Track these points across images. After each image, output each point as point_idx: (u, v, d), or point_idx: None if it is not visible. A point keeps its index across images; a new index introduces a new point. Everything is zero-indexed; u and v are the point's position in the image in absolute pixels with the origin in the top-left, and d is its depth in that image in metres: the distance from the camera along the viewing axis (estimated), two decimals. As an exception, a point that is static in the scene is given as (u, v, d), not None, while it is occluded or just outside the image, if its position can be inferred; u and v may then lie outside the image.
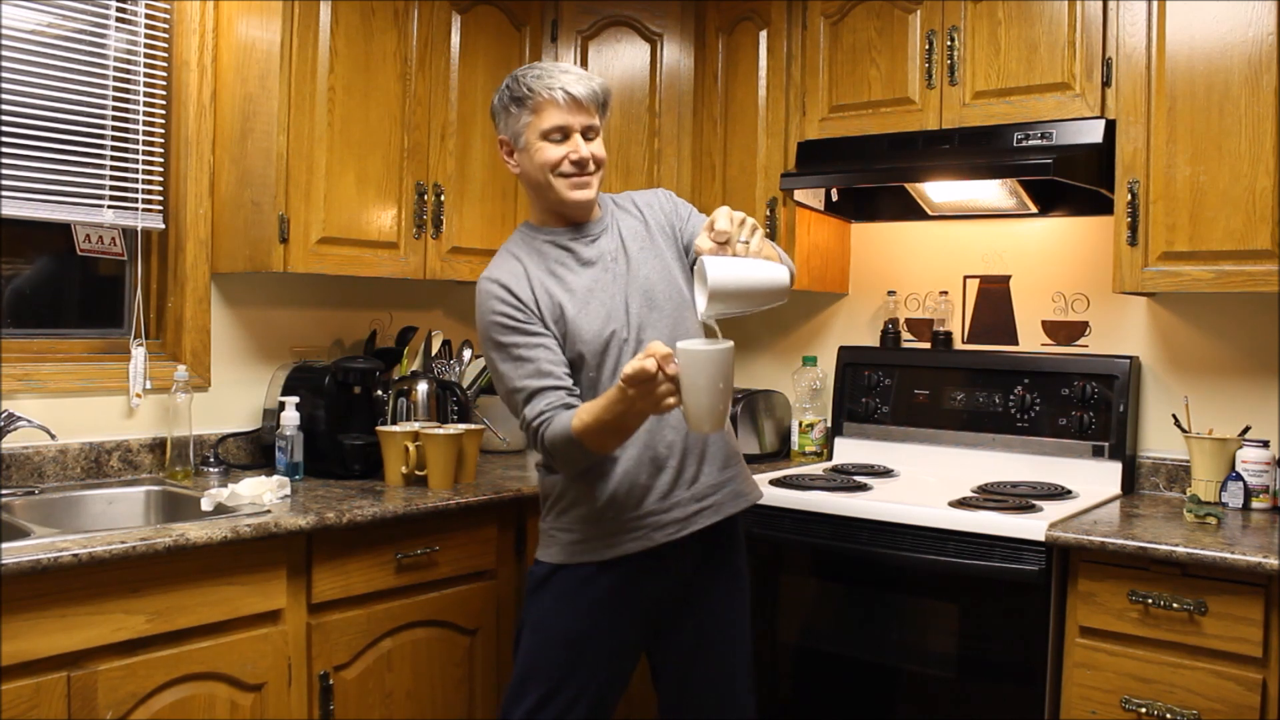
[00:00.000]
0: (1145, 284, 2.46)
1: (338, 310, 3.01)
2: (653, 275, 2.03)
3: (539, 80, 1.96)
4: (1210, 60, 2.35)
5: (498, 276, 1.98)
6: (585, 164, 1.98)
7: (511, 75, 2.01)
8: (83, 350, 2.57)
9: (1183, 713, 2.05)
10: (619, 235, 2.06)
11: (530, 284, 1.98)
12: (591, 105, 1.98)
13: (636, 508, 1.96)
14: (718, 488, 2.02)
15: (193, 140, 2.65)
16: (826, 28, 2.93)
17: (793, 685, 2.58)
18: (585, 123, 1.98)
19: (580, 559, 1.98)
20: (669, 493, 1.97)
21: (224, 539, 2.01)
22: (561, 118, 1.96)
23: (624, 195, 2.17)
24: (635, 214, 2.11)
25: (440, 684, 2.44)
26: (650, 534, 1.96)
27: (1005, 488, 2.64)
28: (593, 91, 1.98)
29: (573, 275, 2.01)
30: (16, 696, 1.76)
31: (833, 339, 3.28)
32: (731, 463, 2.07)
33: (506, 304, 1.95)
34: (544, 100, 1.95)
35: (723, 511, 2.02)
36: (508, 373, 1.94)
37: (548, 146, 1.97)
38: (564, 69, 1.99)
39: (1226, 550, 2.01)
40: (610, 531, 1.97)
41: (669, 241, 2.10)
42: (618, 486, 1.95)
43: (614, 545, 1.97)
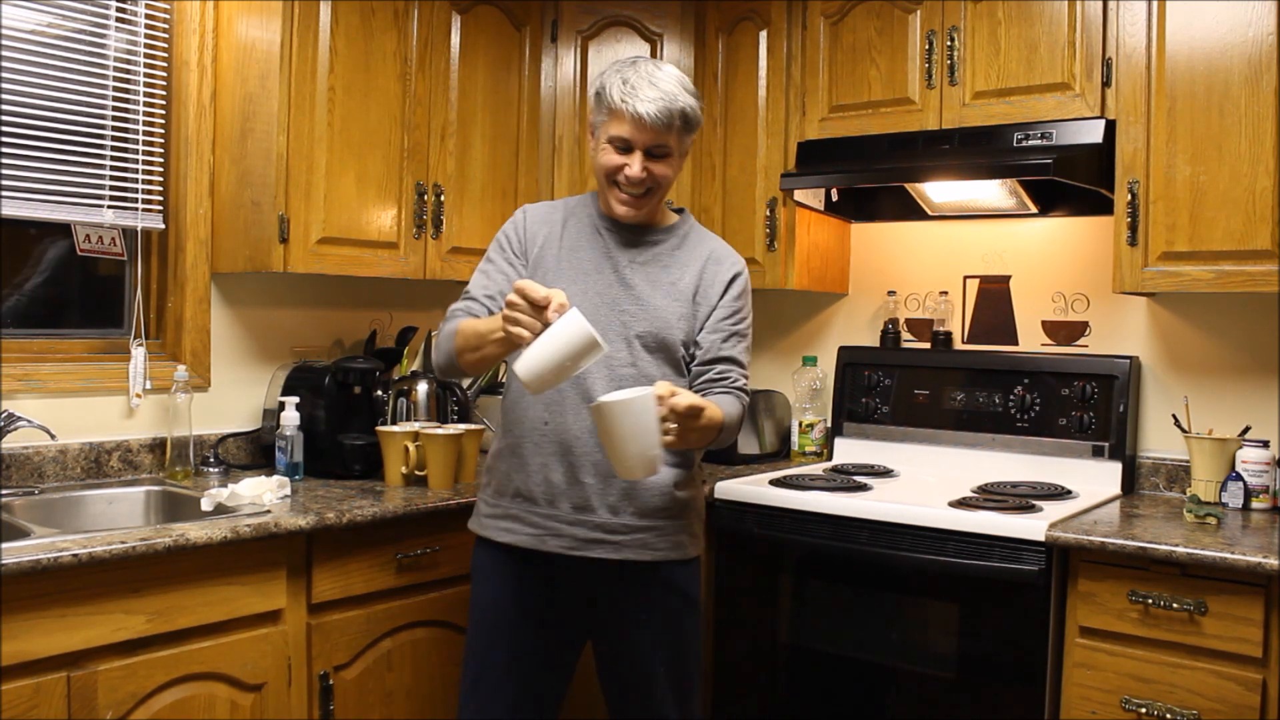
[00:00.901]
0: (1145, 284, 2.46)
1: (338, 310, 3.01)
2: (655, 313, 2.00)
3: (620, 88, 1.94)
4: (1210, 60, 2.36)
5: (530, 208, 2.12)
6: (639, 184, 1.97)
7: (613, 66, 1.99)
8: (83, 350, 2.57)
9: (1183, 713, 2.05)
10: (657, 255, 2.05)
11: (548, 231, 2.06)
12: (661, 128, 1.94)
13: (541, 505, 1.99)
14: (629, 530, 1.97)
15: (193, 140, 2.65)
16: (826, 28, 2.93)
17: (792, 685, 2.58)
18: (652, 142, 1.95)
19: (483, 531, 2.06)
20: (581, 508, 1.97)
21: (224, 539, 2.01)
22: (628, 132, 1.95)
23: (713, 237, 2.12)
24: (692, 253, 2.07)
25: (440, 684, 2.43)
26: (544, 538, 1.98)
27: (1005, 488, 2.64)
28: (666, 114, 1.93)
29: (589, 251, 2.03)
30: (16, 696, 1.76)
31: (833, 339, 3.28)
32: (661, 516, 1.99)
33: (516, 230, 2.09)
34: (616, 109, 1.95)
35: (621, 553, 1.97)
36: (474, 276, 2.09)
37: (610, 152, 1.98)
38: (653, 80, 1.94)
39: (1226, 550, 2.01)
40: (508, 515, 2.02)
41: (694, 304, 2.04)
42: (533, 476, 1.99)
43: (507, 530, 2.02)
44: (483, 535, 2.08)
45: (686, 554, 2.05)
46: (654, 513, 1.99)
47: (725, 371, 2.03)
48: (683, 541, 2.04)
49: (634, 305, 2.00)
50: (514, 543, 2.01)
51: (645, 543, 1.99)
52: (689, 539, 2.06)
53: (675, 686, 2.06)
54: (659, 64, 1.99)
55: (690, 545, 2.07)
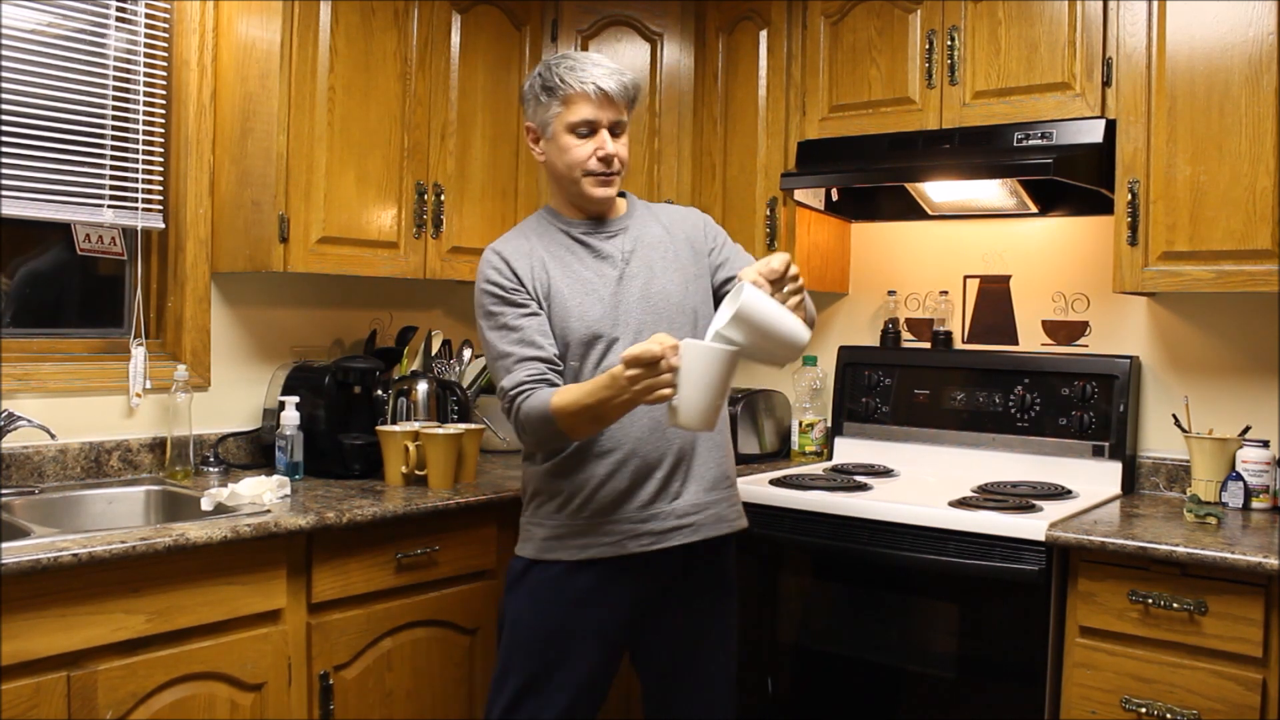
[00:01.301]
0: (1145, 284, 2.46)
1: (338, 310, 3.01)
2: (669, 286, 2.02)
3: (571, 71, 1.94)
4: (1210, 60, 2.35)
5: (501, 249, 2.01)
6: (611, 161, 1.98)
7: (544, 63, 2.01)
8: (83, 350, 2.58)
9: (1183, 713, 2.04)
10: (639, 239, 2.06)
11: (531, 263, 2.00)
12: (621, 101, 1.97)
13: (613, 513, 1.95)
14: (700, 509, 1.99)
15: (193, 140, 2.65)
16: (827, 28, 2.93)
17: (792, 685, 2.58)
18: (614, 118, 1.97)
19: (552, 556, 1.99)
20: (650, 504, 1.96)
21: (224, 539, 2.01)
22: (591, 112, 1.95)
23: (660, 205, 2.16)
24: (664, 223, 2.10)
25: (440, 684, 2.44)
26: (624, 542, 1.95)
27: (1005, 488, 2.64)
28: (624, 87, 1.97)
29: (580, 265, 2.02)
30: (16, 696, 1.76)
31: (833, 339, 3.28)
32: (721, 485, 2.04)
33: (502, 275, 1.98)
34: (575, 92, 1.94)
35: (701, 533, 1.99)
36: (494, 340, 1.96)
37: (575, 143, 1.97)
38: (596, 61, 1.97)
39: (1226, 550, 2.01)
40: (583, 532, 1.97)
41: (693, 258, 2.08)
42: (598, 489, 1.95)
43: (586, 547, 1.96)
44: (548, 559, 1.99)
45: (743, 521, 2.11)
46: (716, 483, 2.02)
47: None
48: (740, 508, 2.10)
49: (650, 288, 2.00)
50: (594, 556, 1.96)
51: (719, 515, 2.03)
52: (740, 502, 2.12)
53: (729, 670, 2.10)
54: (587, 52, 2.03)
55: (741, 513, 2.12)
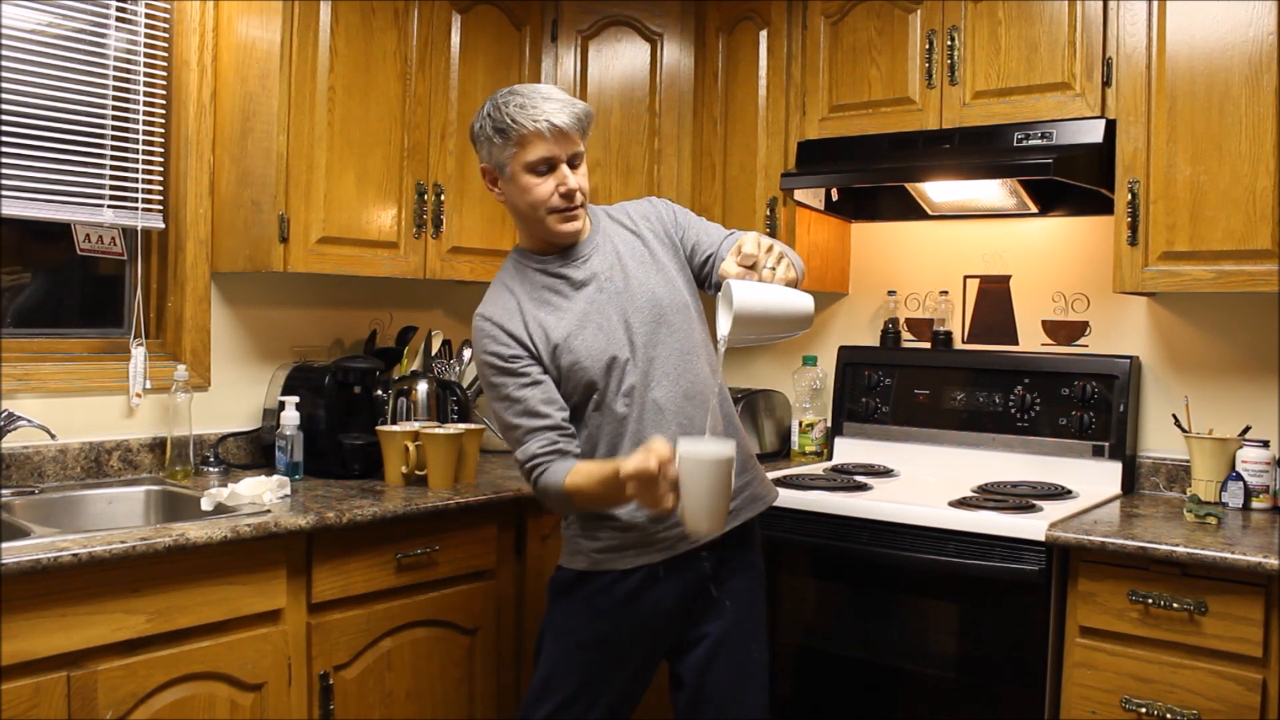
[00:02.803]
0: (1145, 284, 2.46)
1: (338, 310, 3.01)
2: (657, 290, 2.00)
3: (522, 111, 1.88)
4: (1210, 60, 2.35)
5: (490, 314, 1.98)
6: (573, 195, 1.94)
7: (491, 102, 1.94)
8: (83, 350, 2.57)
9: (1183, 713, 2.05)
10: (614, 252, 2.03)
11: (524, 318, 1.96)
12: (575, 133, 1.92)
13: (661, 520, 1.94)
14: (737, 493, 2.00)
15: (193, 140, 2.65)
16: (827, 28, 2.93)
17: (793, 685, 2.58)
18: (571, 151, 1.93)
19: (606, 567, 1.98)
20: None
21: (224, 539, 2.01)
22: (547, 149, 1.90)
23: (617, 207, 2.13)
24: (630, 227, 2.08)
25: (440, 684, 2.44)
26: (675, 544, 1.97)
27: (1005, 488, 2.64)
28: (576, 119, 1.91)
29: (566, 301, 1.98)
30: (16, 696, 1.76)
31: (833, 339, 3.28)
32: (748, 466, 2.07)
33: (498, 343, 1.95)
34: (529, 131, 1.88)
35: (741, 517, 2.03)
36: (500, 412, 1.97)
37: (535, 183, 1.92)
38: (546, 95, 1.91)
39: (1226, 550, 2.01)
40: (636, 542, 1.97)
41: (669, 252, 2.07)
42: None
43: (640, 554, 1.97)
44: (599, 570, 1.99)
45: (775, 493, 2.17)
46: (744, 465, 2.04)
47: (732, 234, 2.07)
48: (768, 480, 2.15)
49: (643, 302, 1.99)
50: (648, 562, 1.96)
51: (753, 495, 2.07)
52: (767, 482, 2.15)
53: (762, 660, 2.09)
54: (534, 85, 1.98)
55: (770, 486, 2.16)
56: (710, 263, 2.05)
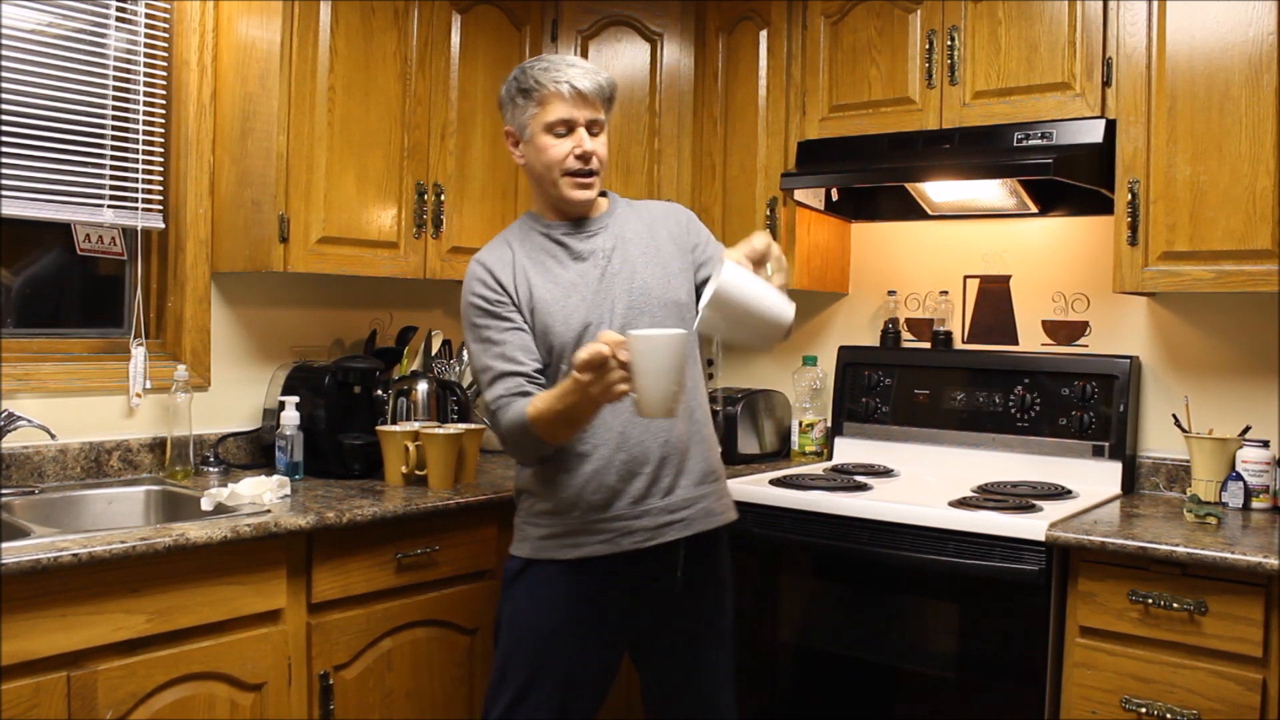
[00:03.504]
0: (1145, 284, 2.46)
1: (338, 310, 3.01)
2: (650, 281, 2.02)
3: (545, 73, 1.96)
4: (1210, 60, 2.35)
5: (484, 260, 2.03)
6: (589, 158, 1.98)
7: (519, 67, 2.02)
8: (83, 350, 2.57)
9: (1183, 713, 2.04)
10: (620, 236, 2.06)
11: (514, 271, 2.00)
12: (597, 99, 1.98)
13: (604, 510, 1.95)
14: (691, 502, 2.00)
15: (193, 140, 2.65)
16: (827, 28, 2.93)
17: (792, 685, 2.58)
18: (590, 117, 1.98)
19: (547, 555, 1.99)
20: (641, 500, 1.96)
21: (224, 539, 2.01)
22: (566, 111, 1.96)
23: (641, 202, 2.17)
24: (646, 219, 2.10)
25: (440, 684, 2.44)
26: (617, 539, 1.96)
27: (1005, 488, 2.64)
28: (599, 86, 1.98)
29: (560, 268, 2.02)
30: (16, 696, 1.76)
31: (833, 339, 3.28)
32: (709, 479, 2.05)
33: (486, 287, 1.99)
34: (550, 93, 1.95)
35: (693, 527, 2.00)
36: (477, 353, 2.00)
37: (552, 143, 1.97)
38: (571, 62, 1.98)
39: (1226, 550, 2.01)
40: (576, 530, 1.97)
41: (677, 254, 2.08)
42: (587, 487, 1.95)
43: (579, 545, 1.97)
44: (543, 558, 2.00)
45: (733, 514, 2.13)
46: (704, 477, 2.03)
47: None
48: (728, 501, 2.11)
49: (633, 285, 2.00)
50: (587, 555, 1.96)
51: (708, 510, 2.03)
52: (729, 495, 2.12)
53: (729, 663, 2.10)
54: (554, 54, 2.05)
55: (730, 505, 2.13)
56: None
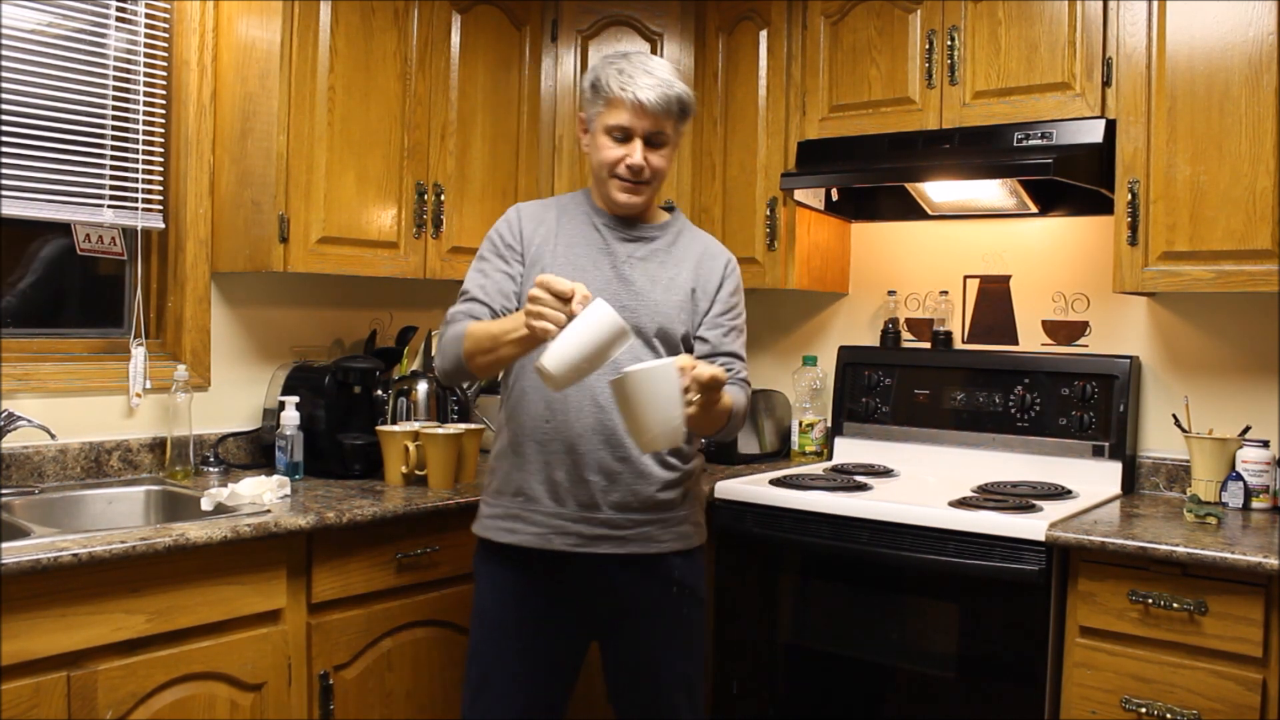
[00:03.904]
0: (1145, 284, 2.46)
1: (338, 310, 3.01)
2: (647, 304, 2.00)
3: (618, 77, 1.95)
4: (1210, 60, 2.35)
5: (522, 208, 2.10)
6: (639, 172, 1.98)
7: (603, 58, 2.02)
8: (83, 350, 2.57)
9: (1183, 713, 2.04)
10: (654, 251, 2.05)
11: (538, 229, 2.04)
12: (661, 114, 1.95)
13: (546, 506, 1.98)
14: (634, 524, 1.98)
15: (193, 140, 2.65)
16: (826, 28, 2.93)
17: (792, 685, 2.58)
18: (651, 129, 1.96)
19: (486, 535, 2.04)
20: (585, 507, 1.96)
21: (224, 539, 2.01)
22: (628, 119, 1.95)
23: (702, 234, 2.14)
24: (688, 250, 2.08)
25: (440, 684, 2.43)
26: (550, 536, 1.98)
27: (1005, 488, 2.64)
28: (666, 100, 1.95)
29: (584, 250, 2.03)
30: (16, 696, 1.76)
31: (833, 339, 3.28)
32: (661, 509, 2.00)
33: (509, 229, 2.07)
34: (615, 98, 1.95)
35: (628, 548, 1.98)
36: (469, 276, 2.07)
37: (608, 145, 1.98)
38: (648, 68, 1.96)
39: (1226, 550, 2.01)
40: (515, 515, 2.01)
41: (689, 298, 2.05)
42: (533, 477, 1.98)
43: (513, 531, 2.00)
44: (484, 537, 2.07)
45: (690, 544, 2.06)
46: (657, 505, 2.00)
47: (729, 364, 2.05)
48: (687, 532, 2.06)
49: (634, 300, 2.00)
50: (518, 543, 2.00)
51: (650, 535, 2.00)
52: (692, 528, 2.07)
53: (684, 681, 2.06)
54: (649, 56, 2.01)
55: (694, 534, 2.08)
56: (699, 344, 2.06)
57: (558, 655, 2.06)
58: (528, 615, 2.02)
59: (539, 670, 2.04)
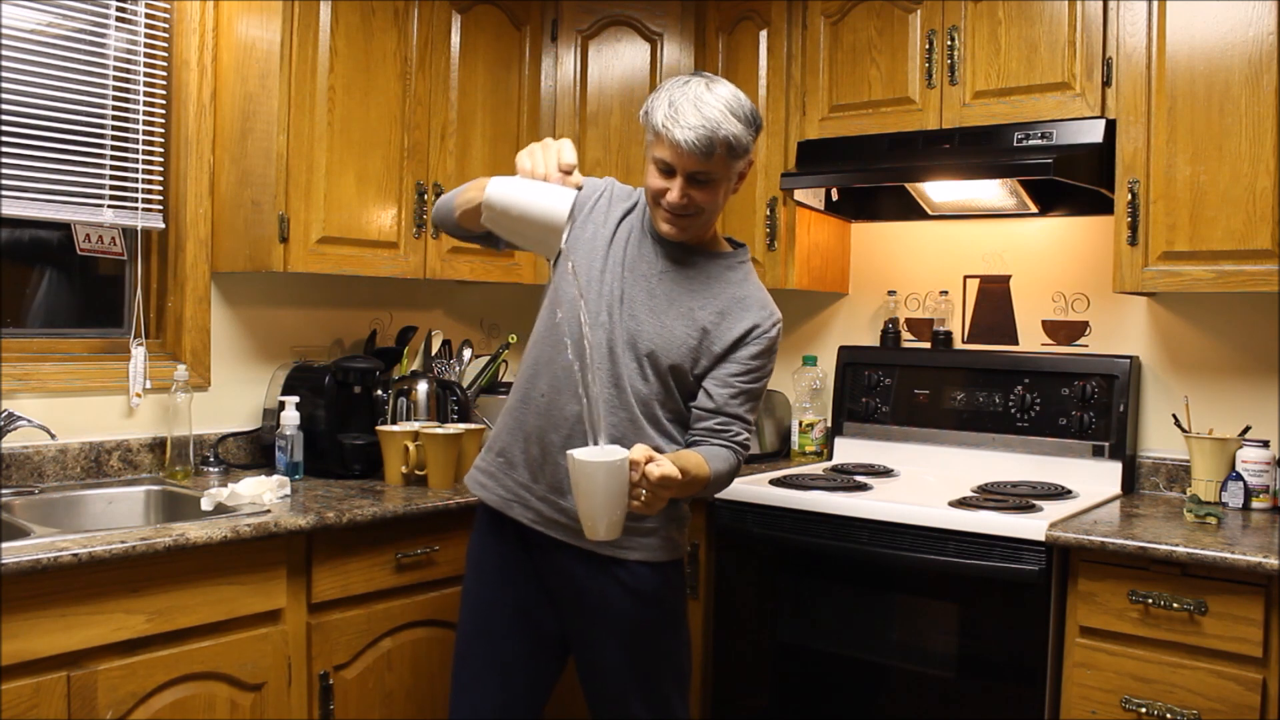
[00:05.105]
0: (1145, 284, 2.46)
1: (338, 310, 3.01)
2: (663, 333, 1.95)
3: (665, 110, 1.87)
4: (1210, 60, 2.35)
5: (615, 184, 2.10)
6: (676, 208, 1.92)
7: (664, 84, 1.93)
8: (83, 350, 2.57)
9: (1183, 713, 2.05)
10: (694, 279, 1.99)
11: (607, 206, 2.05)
12: (702, 156, 1.86)
13: (518, 471, 2.00)
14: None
15: (193, 140, 2.65)
16: (826, 27, 2.93)
17: (792, 685, 2.58)
18: (693, 168, 1.88)
19: (472, 490, 2.09)
20: (554, 489, 1.95)
21: (224, 539, 2.01)
22: (669, 155, 1.88)
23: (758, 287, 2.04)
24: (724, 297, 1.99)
25: (440, 684, 2.43)
26: (510, 504, 2.01)
27: (1005, 488, 2.64)
28: (708, 144, 1.84)
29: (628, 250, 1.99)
30: (16, 696, 1.76)
31: (833, 339, 3.28)
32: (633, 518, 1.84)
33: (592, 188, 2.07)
34: (660, 133, 1.88)
35: (581, 542, 1.92)
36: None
37: (654, 174, 1.93)
38: (700, 105, 1.85)
39: (1226, 550, 2.01)
40: (490, 471, 2.04)
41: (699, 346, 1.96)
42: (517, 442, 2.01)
43: (482, 485, 2.06)
44: (473, 494, 2.11)
45: (655, 557, 1.99)
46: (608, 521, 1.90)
47: (727, 424, 1.96)
48: (651, 544, 1.98)
49: (644, 311, 1.96)
50: (484, 499, 2.05)
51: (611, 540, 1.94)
52: (660, 542, 1.99)
53: (641, 685, 2.01)
54: (712, 84, 1.89)
55: (662, 549, 1.99)
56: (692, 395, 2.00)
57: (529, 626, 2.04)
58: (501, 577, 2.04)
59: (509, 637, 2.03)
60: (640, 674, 2.02)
